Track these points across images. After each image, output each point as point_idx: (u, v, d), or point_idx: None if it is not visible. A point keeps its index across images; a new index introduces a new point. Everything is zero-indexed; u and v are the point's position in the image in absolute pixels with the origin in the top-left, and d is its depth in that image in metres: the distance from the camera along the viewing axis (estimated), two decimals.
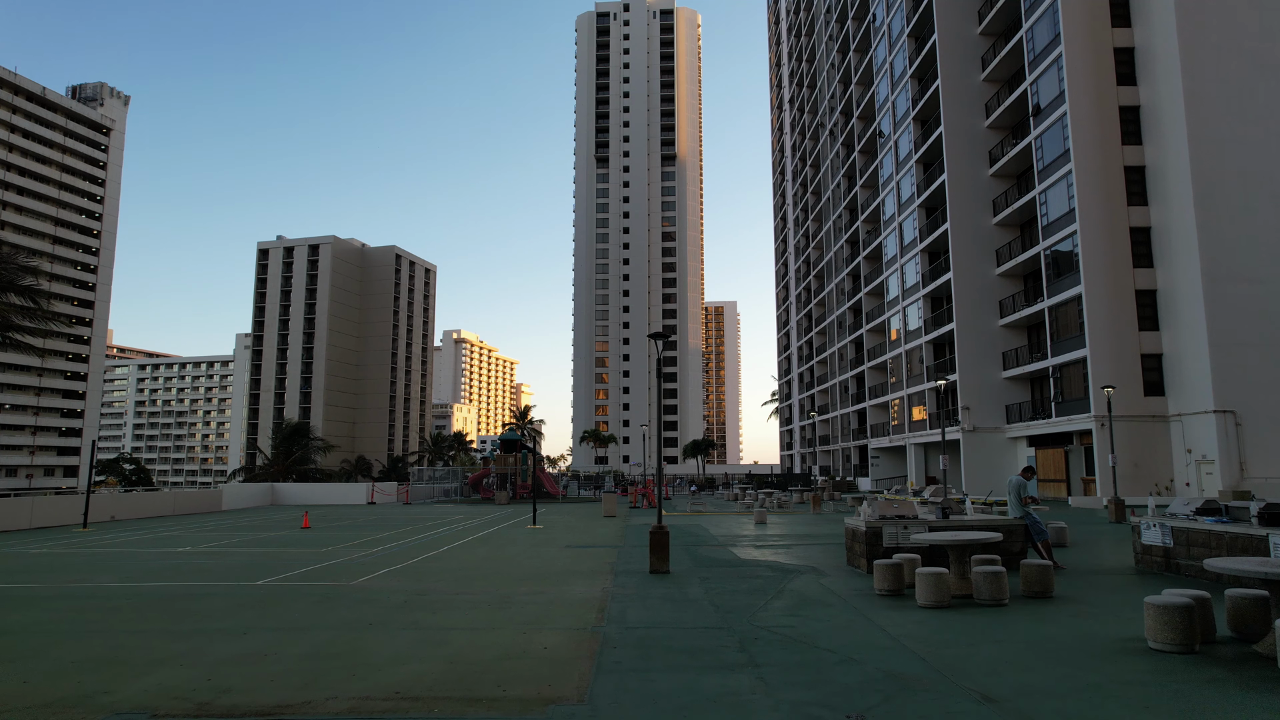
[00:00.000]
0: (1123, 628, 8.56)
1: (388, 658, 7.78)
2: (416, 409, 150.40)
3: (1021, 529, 13.61)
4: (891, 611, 9.84)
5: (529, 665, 7.42)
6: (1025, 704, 5.93)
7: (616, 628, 9.11)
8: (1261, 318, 34.43)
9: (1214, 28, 36.43)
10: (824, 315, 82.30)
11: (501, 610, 10.45)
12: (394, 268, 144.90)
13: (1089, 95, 38.92)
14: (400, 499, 50.18)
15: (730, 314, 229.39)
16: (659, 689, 6.54)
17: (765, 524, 26.14)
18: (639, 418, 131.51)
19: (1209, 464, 34.17)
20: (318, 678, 7.06)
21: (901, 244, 56.85)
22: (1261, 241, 34.94)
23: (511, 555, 17.56)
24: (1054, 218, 40.48)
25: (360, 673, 7.21)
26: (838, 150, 75.55)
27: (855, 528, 14.23)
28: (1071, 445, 41.51)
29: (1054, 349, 40.62)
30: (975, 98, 48.82)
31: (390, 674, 7.15)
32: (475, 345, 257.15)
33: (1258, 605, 7.95)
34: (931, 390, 50.34)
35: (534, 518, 27.35)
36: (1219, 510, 12.50)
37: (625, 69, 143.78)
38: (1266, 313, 34.46)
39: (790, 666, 7.19)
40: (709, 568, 14.72)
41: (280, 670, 7.34)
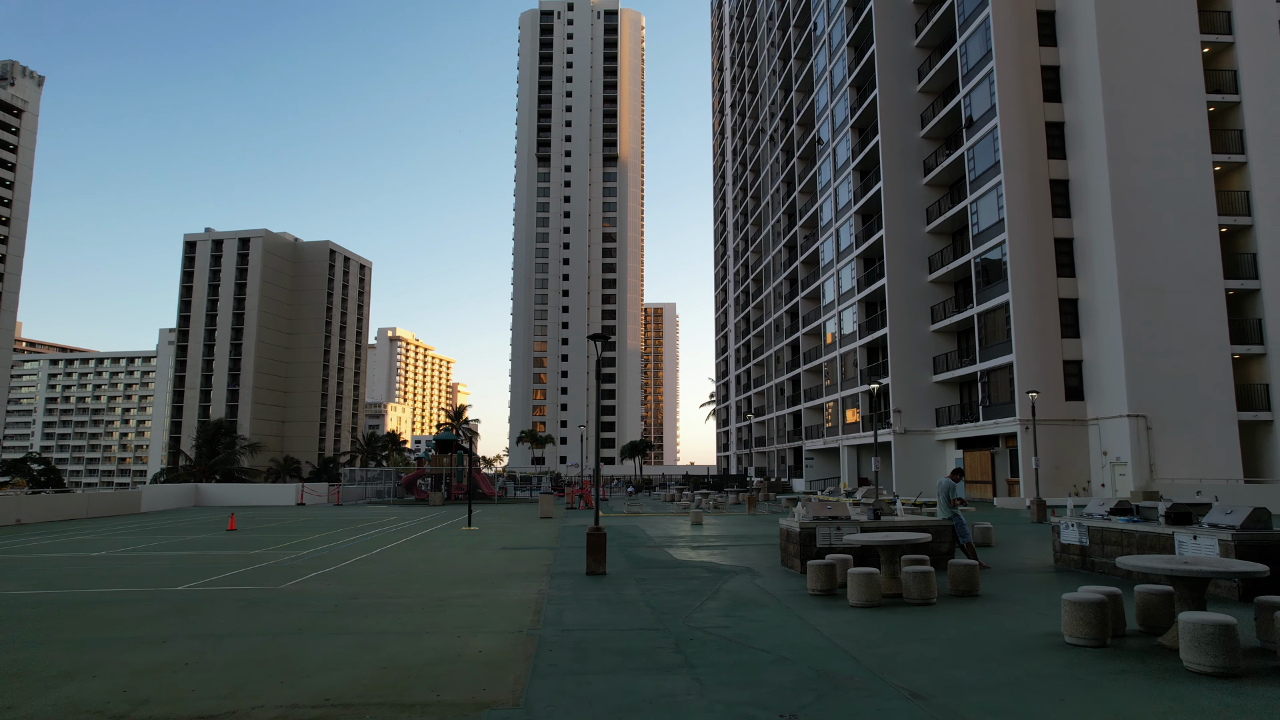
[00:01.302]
0: (1042, 623, 8.89)
1: (318, 664, 7.59)
2: (349, 408, 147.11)
3: (949, 529, 14.02)
4: (824, 611, 10.01)
5: (464, 669, 7.32)
6: (951, 699, 6.11)
7: (552, 630, 9.06)
8: (1170, 327, 36.17)
9: (1132, 52, 38.13)
10: (762, 318, 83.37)
11: (436, 614, 10.29)
12: (328, 263, 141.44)
13: (1018, 110, 40.32)
14: (331, 500, 49.02)
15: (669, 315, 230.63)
16: (595, 691, 6.53)
17: (701, 525, 26.34)
18: (577, 418, 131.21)
19: (1122, 466, 35.74)
20: (243, 686, 6.84)
21: (838, 249, 57.97)
22: (1170, 255, 36.70)
23: (446, 557, 17.31)
24: (984, 227, 41.80)
25: (289, 680, 7.01)
26: (777, 155, 76.65)
27: (789, 529, 14.44)
28: (997, 448, 42.93)
29: (982, 354, 41.93)
30: (911, 108, 50.11)
31: (320, 680, 6.97)
32: (411, 343, 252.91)
33: (1163, 600, 8.35)
34: (865, 393, 51.46)
35: (469, 519, 27.01)
36: (1130, 510, 13.08)
37: (568, 68, 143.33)
38: (1174, 322, 36.22)
39: (725, 667, 7.26)
40: (645, 569, 14.75)
41: (203, 680, 7.08)
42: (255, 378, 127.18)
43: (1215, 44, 39.30)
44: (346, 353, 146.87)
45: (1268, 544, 10.44)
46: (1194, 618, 6.85)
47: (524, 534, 23.72)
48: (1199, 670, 6.71)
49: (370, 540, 21.82)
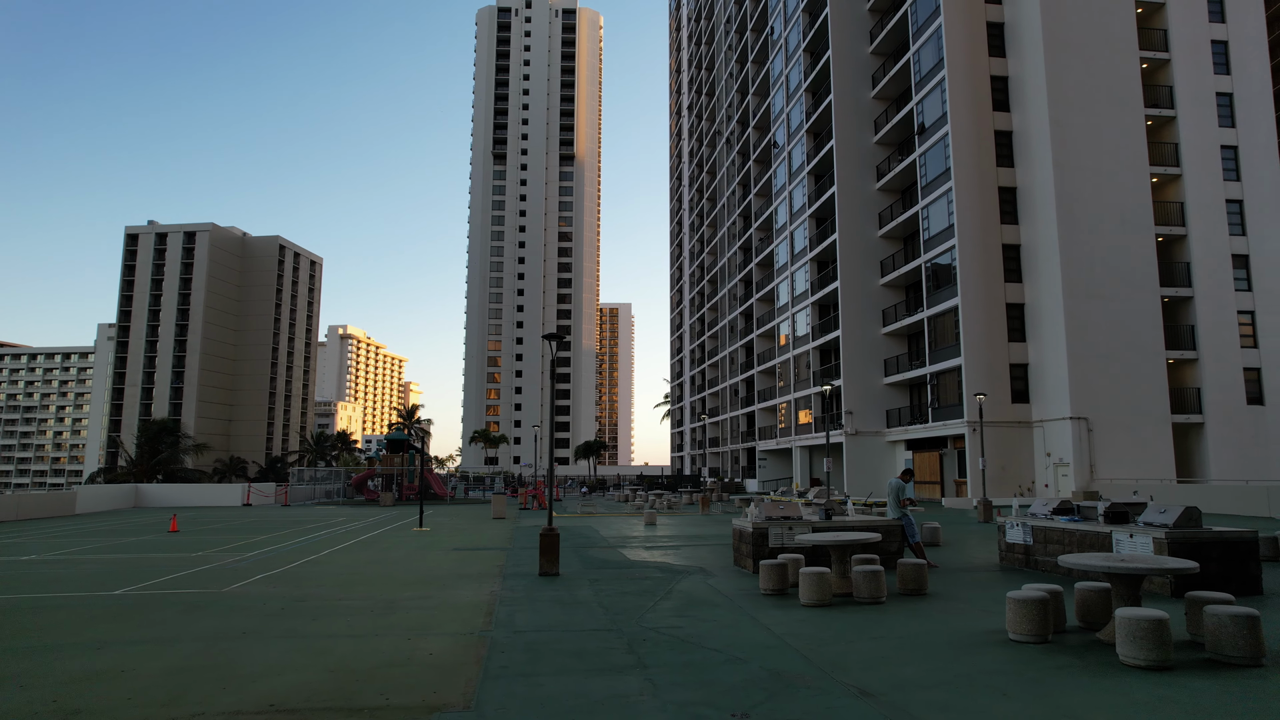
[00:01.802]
0: (988, 621, 9.09)
1: (263, 668, 7.42)
2: (298, 407, 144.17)
3: (899, 529, 14.25)
4: (776, 611, 10.10)
5: (414, 672, 7.22)
6: (899, 697, 6.21)
7: (504, 632, 8.99)
8: (1110, 332, 37.33)
9: (1076, 65, 39.26)
10: (716, 319, 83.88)
11: (386, 616, 10.14)
12: (277, 259, 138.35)
13: (969, 118, 41.21)
14: (279, 501, 47.99)
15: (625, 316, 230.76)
16: (547, 693, 6.49)
17: (655, 525, 26.39)
18: (531, 418, 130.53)
19: (1065, 466, 36.77)
20: (183, 693, 6.65)
21: (792, 252, 58.60)
22: (1111, 263, 37.89)
23: (397, 559, 17.07)
24: (935, 232, 42.64)
25: (232, 685, 6.84)
26: (734, 158, 77.21)
27: (742, 529, 14.54)
28: (946, 449, 43.82)
29: (932, 357, 42.76)
30: (865, 114, 50.89)
31: (265, 685, 6.81)
32: (362, 341, 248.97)
33: (1102, 597, 8.60)
34: (817, 395, 52.10)
35: (420, 520, 26.68)
36: (1072, 510, 13.45)
37: (525, 66, 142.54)
38: (1114, 328, 37.40)
39: (678, 667, 7.28)
40: (599, 569, 14.73)
41: (140, 687, 6.86)
42: (201, 375, 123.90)
43: (1153, 60, 40.66)
44: (296, 350, 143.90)
45: (1198, 542, 10.83)
46: (1129, 613, 7.07)
47: (476, 535, 23.51)
48: (1134, 664, 6.92)
49: (319, 541, 21.41)
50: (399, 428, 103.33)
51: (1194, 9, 41.31)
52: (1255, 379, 38.95)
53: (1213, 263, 39.19)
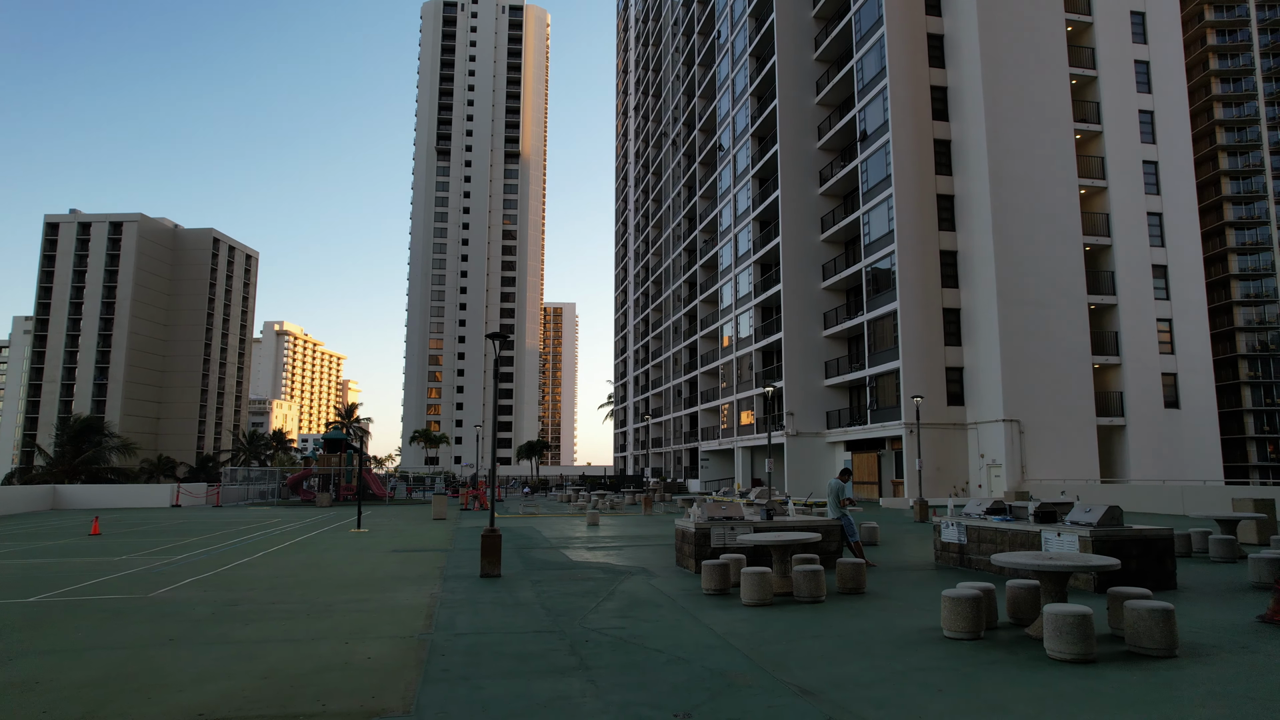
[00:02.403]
0: (924, 619, 9.31)
1: (192, 676, 7.17)
2: (231, 405, 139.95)
3: (838, 529, 14.49)
4: (718, 610, 10.17)
5: (352, 677, 7.07)
6: (839, 694, 6.31)
7: (445, 634, 8.87)
8: (1041, 338, 38.63)
9: (1010, 79, 40.52)
10: (661, 320, 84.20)
11: (322, 620, 9.90)
12: (211, 252, 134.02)
13: (909, 127, 42.16)
14: (210, 502, 46.49)
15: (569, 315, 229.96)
16: (489, 696, 6.42)
17: (598, 526, 26.35)
18: (473, 418, 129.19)
19: (997, 467, 37.90)
20: (103, 704, 6.38)
21: (736, 255, 59.16)
22: (1042, 270, 39.21)
23: (334, 561, 16.69)
24: (875, 237, 43.51)
25: (157, 695, 6.59)
26: (679, 160, 77.59)
27: (685, 529, 14.61)
28: (884, 450, 44.75)
29: (871, 360, 43.62)
30: (810, 120, 51.65)
31: (194, 694, 6.59)
32: (299, 338, 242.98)
33: (1031, 594, 8.89)
34: (760, 396, 52.69)
35: (359, 521, 26.16)
36: (1004, 510, 13.86)
37: (471, 61, 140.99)
38: (1044, 333, 38.71)
39: (620, 668, 7.27)
40: (541, 570, 14.64)
41: (55, 700, 6.55)
42: (127, 371, 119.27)
43: (1081, 77, 42.21)
44: (230, 346, 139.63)
45: (1119, 540, 11.28)
46: (1056, 609, 7.32)
47: (416, 536, 23.14)
48: (1060, 657, 7.17)
49: (252, 543, 20.81)
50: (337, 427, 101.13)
51: (1119, 30, 43.02)
52: (1172, 384, 40.75)
53: (1135, 272, 40.87)
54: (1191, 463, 39.53)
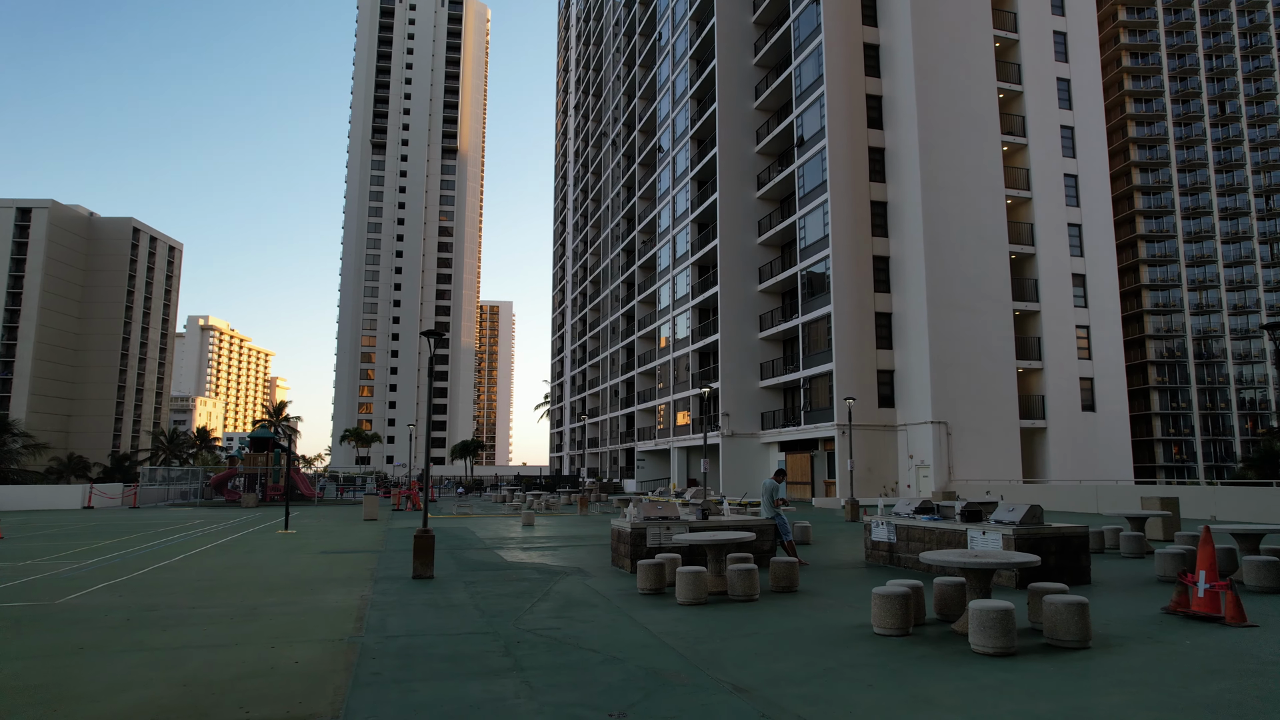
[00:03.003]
0: (855, 616, 9.50)
1: (104, 686, 6.84)
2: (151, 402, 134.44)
3: (772, 528, 14.69)
4: (653, 610, 10.20)
5: (277, 682, 6.85)
6: (772, 691, 6.39)
7: (376, 637, 8.68)
8: (968, 342, 39.89)
9: (942, 90, 41.74)
10: (598, 320, 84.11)
11: (247, 624, 9.58)
12: (130, 242, 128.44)
13: (845, 134, 43.02)
14: (127, 503, 44.60)
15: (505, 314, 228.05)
16: (421, 699, 6.31)
17: (533, 526, 26.18)
18: (406, 417, 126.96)
19: (926, 468, 38.97)
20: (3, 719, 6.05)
21: (674, 256, 59.49)
22: (970, 277, 40.49)
23: (259, 562, 16.18)
24: (811, 241, 44.27)
25: (65, 707, 6.27)
26: (619, 160, 77.65)
27: (620, 529, 14.62)
28: (817, 450, 45.56)
29: (805, 362, 44.37)
30: (748, 124, 52.28)
31: (106, 705, 6.29)
32: (225, 333, 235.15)
33: (957, 590, 9.16)
34: (696, 396, 53.08)
35: (286, 521, 25.42)
36: (932, 509, 14.25)
37: (409, 54, 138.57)
38: (971, 338, 39.98)
39: (555, 669, 7.23)
40: (475, 571, 14.46)
41: None
42: (35, 366, 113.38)
43: (1009, 91, 43.72)
44: (150, 341, 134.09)
45: (1040, 537, 11.72)
46: (980, 605, 7.56)
47: (346, 537, 22.62)
48: (983, 651, 7.41)
49: (172, 546, 20.03)
50: (264, 425, 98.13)
51: (1043, 47, 44.73)
52: (1089, 388, 42.56)
53: (1056, 280, 42.52)
54: (1105, 463, 41.33)
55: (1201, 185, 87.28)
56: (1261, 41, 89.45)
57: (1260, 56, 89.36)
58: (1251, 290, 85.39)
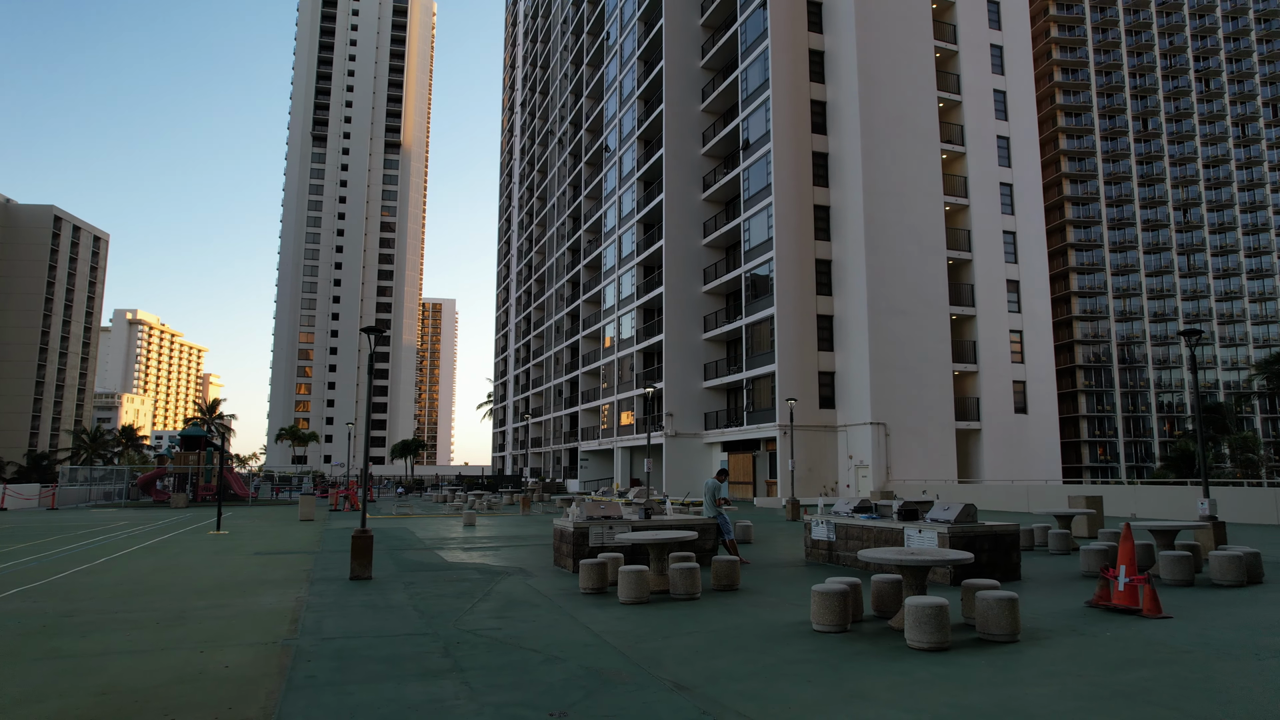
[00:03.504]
0: (794, 613, 9.62)
1: (14, 697, 6.51)
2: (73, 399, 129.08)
3: (714, 527, 14.79)
4: (595, 609, 10.17)
5: (206, 688, 6.63)
6: (713, 689, 6.42)
7: (311, 639, 8.46)
8: (906, 345, 40.80)
9: (885, 98, 42.63)
10: (543, 319, 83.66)
11: (174, 628, 9.25)
12: (51, 231, 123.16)
13: (790, 138, 43.60)
14: (45, 504, 42.68)
15: (448, 312, 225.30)
16: (357, 702, 6.17)
17: (474, 526, 25.90)
18: (345, 415, 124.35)
19: (865, 468, 39.73)
20: None
21: (620, 256, 59.51)
22: (909, 281, 41.43)
23: (189, 564, 15.64)
24: (755, 244, 44.75)
25: None
26: (565, 159, 77.35)
27: (563, 528, 14.56)
28: (759, 451, 46.07)
29: (748, 363, 44.83)
30: (695, 125, 52.61)
31: (17, 716, 5.99)
32: (155, 328, 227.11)
33: (894, 587, 9.35)
34: (640, 396, 53.20)
35: (218, 522, 24.65)
36: (871, 509, 14.53)
37: (352, 45, 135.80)
38: (910, 341, 40.92)
39: (496, 669, 7.15)
40: (414, 572, 14.23)
41: None
42: None
43: (948, 101, 44.89)
44: (73, 335, 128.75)
45: (973, 535, 12.04)
46: (915, 601, 7.73)
47: (281, 538, 22.04)
48: (919, 646, 7.57)
49: (94, 548, 19.24)
50: (196, 423, 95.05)
51: (980, 60, 46.06)
52: (1021, 391, 43.94)
53: (992, 286, 43.80)
54: (1036, 464, 42.73)
55: (1126, 198, 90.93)
56: (1179, 63, 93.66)
57: (1179, 77, 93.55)
58: (1170, 299, 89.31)
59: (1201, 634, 8.23)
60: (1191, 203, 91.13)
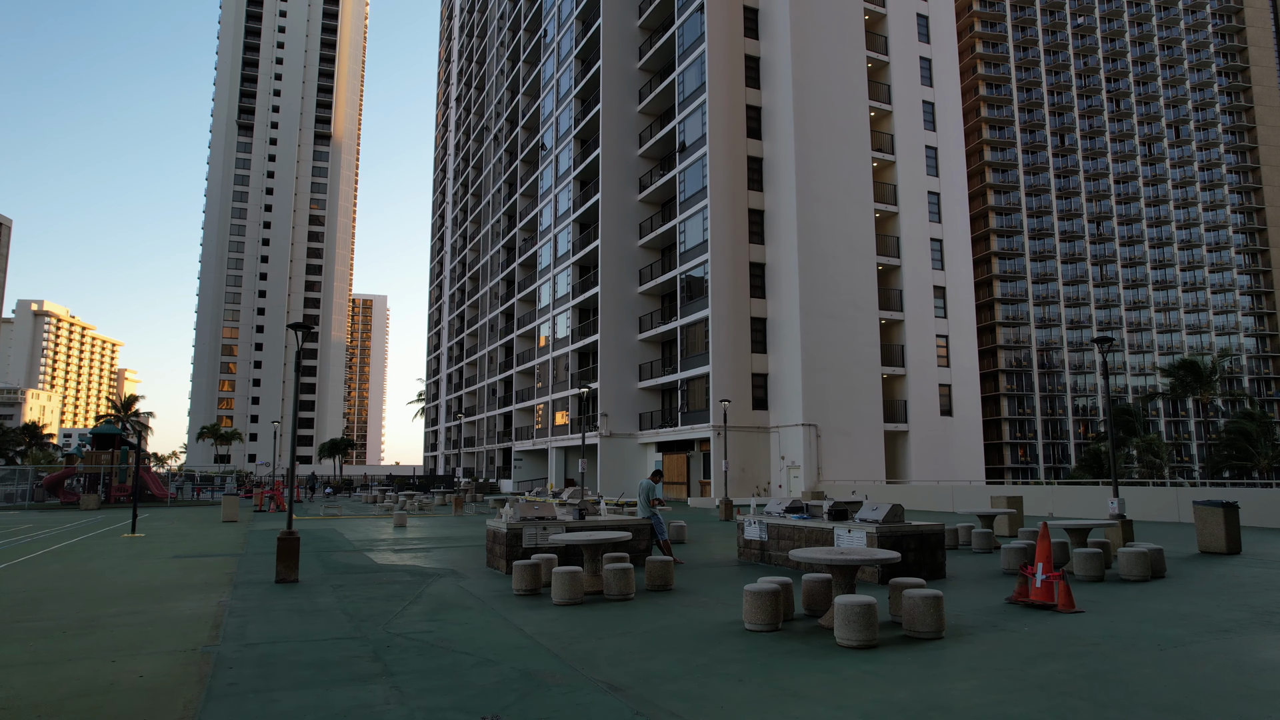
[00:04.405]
0: (727, 613, 9.72)
1: None
2: None
3: (648, 528, 14.84)
4: (528, 611, 10.10)
5: (117, 700, 6.33)
6: (646, 689, 6.44)
7: (234, 645, 8.18)
8: (837, 348, 41.69)
9: (818, 106, 43.46)
10: (477, 317, 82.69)
11: (83, 637, 8.81)
12: None
13: (725, 142, 44.07)
14: None
15: (380, 308, 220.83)
16: (283, 709, 5.99)
17: (405, 527, 25.45)
18: (271, 413, 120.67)
19: (796, 469, 40.42)
20: None
21: (555, 255, 59.23)
22: (840, 285, 42.34)
23: (100, 569, 14.94)
24: (690, 246, 45.09)
25: None
26: (501, 156, 76.60)
27: (496, 529, 14.41)
28: (693, 451, 46.42)
29: (683, 364, 45.13)
30: (632, 126, 52.70)
31: None
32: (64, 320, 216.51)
33: (824, 586, 9.52)
34: (575, 396, 53.04)
35: (134, 524, 23.61)
36: (802, 509, 14.78)
37: (280, 33, 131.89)
38: (841, 344, 41.82)
39: (427, 673, 7.03)
40: (343, 574, 13.90)
41: None
42: None
43: (880, 110, 46.04)
44: None
45: (900, 535, 12.37)
46: (845, 600, 7.89)
47: (203, 540, 21.25)
48: (848, 644, 7.74)
49: None
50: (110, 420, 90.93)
51: (910, 71, 47.37)
52: (947, 394, 45.34)
53: (919, 291, 45.08)
54: (960, 465, 44.15)
55: (1045, 209, 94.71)
56: (1093, 83, 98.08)
57: (1093, 96, 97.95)
58: (1085, 307, 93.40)
59: (1110, 627, 8.62)
60: (1104, 216, 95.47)
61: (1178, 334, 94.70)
